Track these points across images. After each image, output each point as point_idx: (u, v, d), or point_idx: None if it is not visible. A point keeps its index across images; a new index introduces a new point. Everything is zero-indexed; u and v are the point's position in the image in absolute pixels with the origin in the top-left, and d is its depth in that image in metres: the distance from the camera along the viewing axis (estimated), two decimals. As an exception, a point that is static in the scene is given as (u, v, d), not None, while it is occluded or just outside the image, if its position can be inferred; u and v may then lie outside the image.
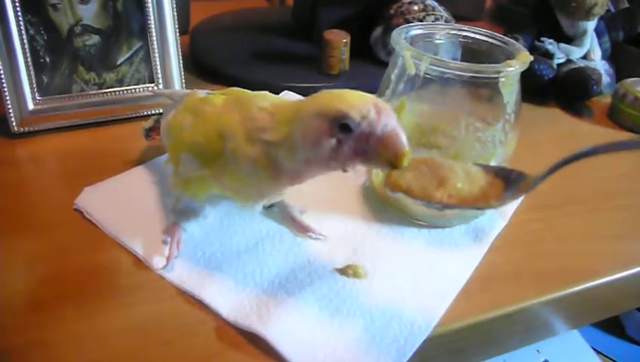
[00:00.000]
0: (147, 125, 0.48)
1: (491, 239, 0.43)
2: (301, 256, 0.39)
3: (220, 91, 0.40)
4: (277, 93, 0.58)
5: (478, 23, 0.92)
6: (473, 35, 0.44)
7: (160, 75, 0.56)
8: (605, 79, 0.68)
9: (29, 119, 0.51)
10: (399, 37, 0.41)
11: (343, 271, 0.38)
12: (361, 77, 0.65)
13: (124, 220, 0.41)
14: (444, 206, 0.34)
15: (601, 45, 0.70)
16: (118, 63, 0.54)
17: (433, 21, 0.65)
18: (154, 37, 0.54)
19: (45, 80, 0.52)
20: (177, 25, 0.55)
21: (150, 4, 0.53)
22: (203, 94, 0.40)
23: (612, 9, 0.69)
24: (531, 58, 0.40)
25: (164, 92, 0.52)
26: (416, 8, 0.66)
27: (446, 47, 0.45)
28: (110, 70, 0.54)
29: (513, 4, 0.91)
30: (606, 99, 0.68)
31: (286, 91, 0.60)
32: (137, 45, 0.54)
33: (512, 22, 0.87)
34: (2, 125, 0.51)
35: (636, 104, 0.63)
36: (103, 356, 0.32)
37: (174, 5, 0.54)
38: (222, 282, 0.36)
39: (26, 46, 0.50)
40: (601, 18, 0.68)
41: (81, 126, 0.53)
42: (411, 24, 0.44)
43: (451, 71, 0.38)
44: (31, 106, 0.51)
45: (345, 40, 0.63)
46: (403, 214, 0.43)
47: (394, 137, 0.31)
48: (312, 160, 0.32)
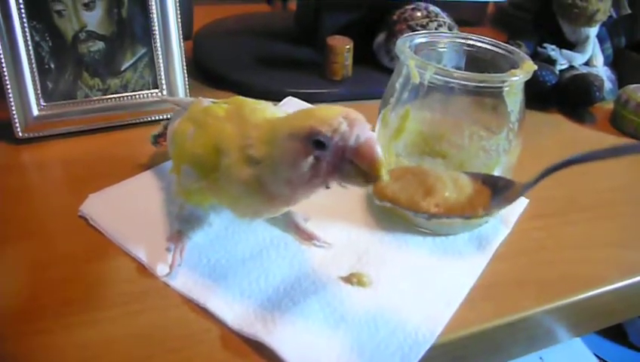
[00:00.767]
0: (156, 131, 0.48)
1: (495, 247, 0.43)
2: (305, 264, 0.39)
3: (224, 100, 0.40)
4: (280, 98, 0.59)
5: (480, 29, 0.92)
6: (477, 44, 0.44)
7: (164, 81, 0.56)
8: (607, 85, 0.68)
9: (34, 125, 0.51)
10: (404, 45, 0.41)
11: (348, 280, 0.38)
12: (363, 83, 0.65)
13: (128, 227, 0.41)
14: (431, 216, 0.34)
15: (603, 51, 0.70)
16: (123, 69, 0.54)
17: (436, 27, 0.65)
18: (158, 43, 0.55)
19: (50, 86, 0.52)
20: (181, 31, 0.55)
21: (154, 10, 0.54)
22: (207, 103, 0.40)
23: (614, 15, 0.69)
24: (535, 67, 0.40)
25: (171, 99, 0.52)
26: (419, 14, 0.66)
27: (450, 55, 0.45)
28: (114, 76, 0.54)
29: (515, 9, 0.91)
30: (608, 105, 0.68)
31: (289, 97, 0.60)
32: (141, 51, 0.55)
33: (514, 27, 0.87)
34: (7, 131, 0.51)
35: (638, 110, 0.63)
36: (108, 364, 0.32)
37: (178, 11, 0.55)
38: (227, 290, 0.36)
39: (31, 52, 0.50)
40: (603, 24, 0.68)
41: (85, 132, 0.53)
42: (416, 32, 0.45)
43: (456, 80, 0.38)
44: (35, 112, 0.51)
45: (348, 46, 0.63)
46: (406, 222, 0.43)
47: (367, 147, 0.30)
48: (294, 180, 0.32)
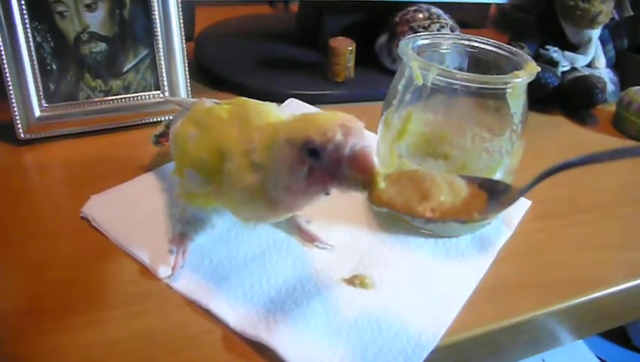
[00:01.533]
0: (157, 131, 0.48)
1: (497, 249, 0.43)
2: (308, 266, 0.39)
3: (226, 101, 0.40)
4: (282, 100, 0.59)
5: (482, 31, 0.92)
6: (480, 45, 0.44)
7: (166, 82, 0.56)
8: (610, 87, 0.68)
9: (36, 126, 0.51)
10: (407, 47, 0.41)
11: (350, 282, 0.38)
12: (366, 84, 0.65)
13: (131, 229, 0.41)
14: (427, 220, 0.34)
15: (605, 53, 0.70)
16: (125, 70, 0.54)
17: (438, 29, 0.65)
18: (160, 44, 0.55)
19: (52, 87, 0.52)
20: (183, 32, 0.55)
21: (156, 11, 0.54)
22: (210, 104, 0.40)
23: (616, 17, 0.69)
24: (538, 69, 0.40)
25: (174, 100, 0.52)
26: (421, 16, 0.66)
27: (452, 56, 0.45)
28: (116, 77, 0.54)
29: (517, 11, 0.91)
30: (610, 107, 0.68)
31: (291, 99, 0.60)
32: (143, 52, 0.55)
33: (516, 29, 0.87)
34: (9, 132, 0.51)
35: (641, 112, 0.63)
36: (110, 365, 0.32)
37: (180, 12, 0.55)
38: (229, 291, 0.36)
39: (33, 53, 0.50)
40: (605, 26, 0.68)
41: (87, 133, 0.53)
42: (418, 34, 0.45)
43: (459, 82, 0.38)
44: (37, 113, 0.51)
45: (350, 47, 0.63)
46: (408, 224, 0.43)
47: (362, 158, 0.30)
48: (293, 187, 0.32)
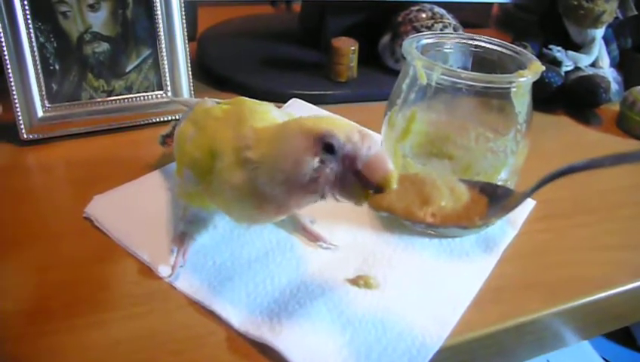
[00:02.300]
0: (165, 131, 0.48)
1: (502, 249, 0.43)
2: (312, 266, 0.39)
3: (227, 101, 0.39)
4: (285, 100, 0.59)
5: (485, 30, 0.92)
6: (484, 45, 0.44)
7: (169, 82, 0.56)
8: (613, 87, 0.68)
9: (38, 126, 0.51)
10: (411, 46, 0.41)
11: (354, 282, 0.38)
12: (369, 84, 0.65)
13: (133, 229, 0.40)
14: (428, 225, 0.33)
15: (609, 53, 0.69)
16: (127, 71, 0.54)
17: (441, 29, 0.65)
18: (163, 44, 0.55)
19: (54, 87, 0.52)
20: (186, 32, 0.55)
21: (159, 11, 0.54)
22: (211, 104, 0.40)
23: (620, 16, 0.69)
24: (543, 68, 0.40)
25: (179, 100, 0.52)
26: (424, 16, 0.66)
27: (456, 56, 0.45)
28: (119, 77, 0.54)
29: (520, 11, 0.91)
30: (614, 106, 0.68)
31: (294, 99, 0.60)
32: (146, 53, 0.55)
33: (519, 29, 0.87)
34: (12, 132, 0.51)
35: (645, 112, 0.62)
36: (113, 366, 0.32)
37: (183, 12, 0.54)
38: (233, 292, 0.36)
39: (36, 53, 0.50)
40: (609, 26, 0.68)
41: (90, 133, 0.53)
42: (422, 33, 0.44)
43: (463, 81, 0.38)
44: (40, 113, 0.51)
45: (353, 47, 0.63)
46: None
47: (380, 160, 0.30)
48: (291, 182, 0.31)
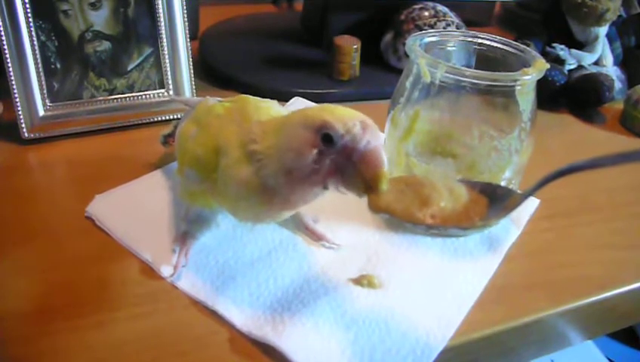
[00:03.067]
0: (166, 131, 0.47)
1: (506, 248, 0.42)
2: (315, 266, 0.39)
3: (229, 99, 0.39)
4: (287, 99, 0.59)
5: (487, 29, 0.91)
6: (488, 42, 0.44)
7: (170, 81, 0.55)
8: (617, 85, 0.68)
9: (40, 125, 0.51)
10: (414, 44, 0.40)
11: (358, 281, 0.38)
12: (371, 83, 0.65)
13: (135, 228, 0.40)
14: (428, 227, 0.33)
15: (612, 51, 0.69)
16: (129, 69, 0.54)
17: (444, 27, 0.65)
18: (164, 43, 0.54)
19: (56, 86, 0.51)
20: (188, 30, 0.55)
21: (161, 10, 0.53)
22: (213, 102, 0.40)
23: (624, 15, 0.69)
24: (548, 66, 0.39)
25: (180, 99, 0.52)
26: (427, 14, 0.66)
27: (459, 54, 0.45)
28: (120, 76, 0.54)
29: (522, 9, 0.91)
30: (618, 105, 0.68)
31: (297, 97, 0.60)
32: (148, 51, 0.54)
33: (522, 27, 0.87)
34: (13, 131, 0.50)
35: (649, 110, 0.62)
36: (115, 366, 0.32)
37: (185, 11, 0.54)
38: (235, 291, 0.36)
39: (37, 52, 0.50)
40: (612, 24, 0.68)
41: (91, 132, 0.53)
42: (426, 31, 0.44)
43: (467, 79, 0.38)
44: (41, 112, 0.51)
45: (356, 46, 0.62)
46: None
47: (375, 156, 0.30)
48: (294, 172, 0.31)
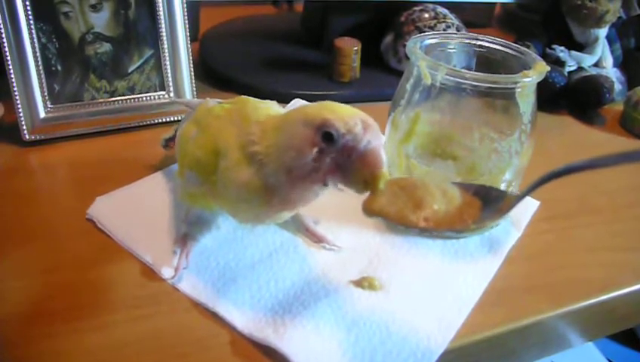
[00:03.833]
0: (167, 135, 0.47)
1: (506, 250, 0.42)
2: (316, 268, 0.39)
3: (229, 100, 0.39)
4: (287, 100, 0.59)
5: (487, 30, 0.91)
6: (488, 44, 0.44)
7: (171, 83, 0.55)
8: (617, 87, 0.68)
9: (41, 127, 0.51)
10: (415, 46, 0.40)
11: (358, 283, 0.38)
12: (371, 84, 0.65)
13: (136, 230, 0.40)
14: (422, 230, 0.33)
15: (612, 52, 0.69)
16: (130, 71, 0.54)
17: (444, 29, 0.65)
18: (165, 45, 0.54)
19: (57, 88, 0.51)
20: (189, 33, 0.55)
21: (161, 12, 0.53)
22: (213, 104, 0.40)
23: (624, 16, 0.69)
24: (548, 68, 0.39)
25: (181, 101, 0.52)
26: (427, 16, 0.66)
27: (460, 56, 0.45)
28: (121, 78, 0.54)
29: (522, 11, 0.91)
30: (618, 106, 0.68)
31: (297, 99, 0.60)
32: (148, 53, 0.54)
33: (522, 29, 0.87)
34: (14, 133, 0.50)
35: (649, 112, 0.62)
36: (116, 369, 0.32)
37: (185, 13, 0.54)
38: (236, 294, 0.36)
39: (38, 54, 0.50)
40: (612, 25, 0.68)
41: (92, 134, 0.53)
42: (426, 33, 0.44)
43: (468, 81, 0.38)
44: (42, 114, 0.51)
45: (356, 47, 0.63)
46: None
47: (374, 156, 0.30)
48: (294, 170, 0.31)
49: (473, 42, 0.44)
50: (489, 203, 0.34)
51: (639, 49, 0.72)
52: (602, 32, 0.67)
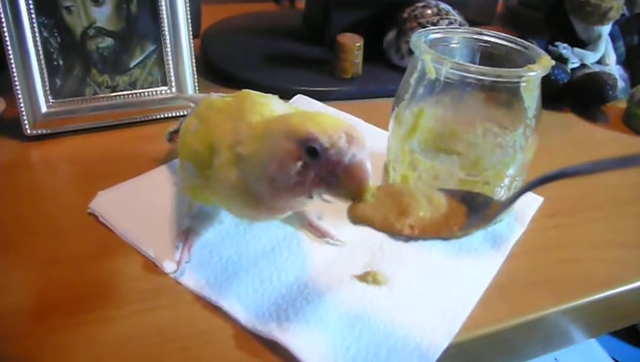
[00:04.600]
0: (172, 128, 0.47)
1: (510, 246, 0.42)
2: (319, 262, 0.38)
3: (232, 95, 0.39)
4: (290, 97, 0.59)
5: (490, 28, 0.91)
6: (492, 40, 0.43)
7: (173, 78, 0.55)
8: (620, 84, 0.67)
9: (42, 122, 0.51)
10: (419, 40, 0.40)
11: (362, 278, 0.37)
12: (374, 81, 0.65)
13: (138, 224, 0.40)
14: (407, 238, 0.33)
15: (615, 50, 0.69)
16: (131, 66, 0.54)
17: (447, 25, 0.65)
18: (167, 40, 0.54)
19: (58, 83, 0.51)
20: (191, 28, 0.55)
21: (164, 6, 0.53)
22: (216, 97, 0.40)
23: (627, 13, 0.69)
24: (553, 62, 0.39)
25: (184, 96, 0.51)
26: (429, 12, 0.66)
27: (463, 51, 0.45)
28: (123, 73, 0.54)
29: (525, 8, 0.91)
30: (621, 104, 0.67)
31: (299, 95, 0.60)
32: (150, 48, 0.54)
33: (524, 26, 0.87)
34: (15, 128, 0.50)
35: (652, 109, 0.62)
36: (118, 363, 0.31)
37: (188, 8, 0.54)
38: (239, 288, 0.36)
39: (40, 48, 0.50)
40: (615, 22, 0.68)
41: (94, 129, 0.53)
42: (430, 28, 0.44)
43: (473, 75, 0.37)
44: (44, 109, 0.51)
45: (358, 43, 0.62)
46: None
47: (359, 170, 0.29)
48: (278, 181, 0.31)
49: (477, 37, 0.44)
50: (475, 209, 0.33)
51: (642, 46, 0.71)
52: (605, 29, 0.67)
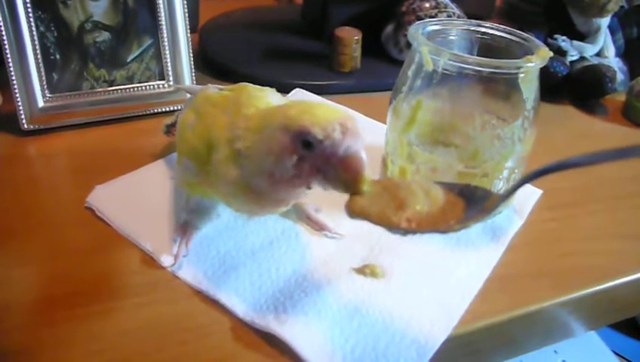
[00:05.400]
0: (169, 121, 0.47)
1: (509, 238, 0.42)
2: (317, 255, 0.38)
3: (229, 87, 0.39)
4: (288, 91, 0.59)
5: (489, 21, 0.91)
6: (490, 31, 0.43)
7: (170, 72, 0.55)
8: (619, 76, 0.67)
9: (39, 116, 0.51)
10: (417, 32, 0.40)
11: (360, 271, 0.37)
12: (372, 74, 0.65)
13: (135, 218, 0.40)
14: (405, 231, 0.32)
15: (614, 42, 0.69)
16: (129, 60, 0.54)
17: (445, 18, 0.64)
18: (164, 34, 0.54)
19: (55, 77, 0.51)
20: (188, 22, 0.55)
21: (161, 0, 0.53)
22: (214, 90, 0.39)
23: (626, 6, 0.68)
24: (551, 54, 0.39)
25: (183, 87, 0.51)
26: (428, 5, 0.65)
27: (461, 43, 0.45)
28: (120, 67, 0.53)
29: (523, 2, 0.90)
30: (620, 96, 0.67)
31: (297, 89, 0.60)
32: (148, 42, 0.54)
33: (523, 20, 0.86)
34: (12, 122, 0.50)
35: (651, 101, 0.62)
36: (116, 356, 0.31)
37: (185, 2, 0.54)
38: (237, 281, 0.36)
39: (36, 43, 0.49)
40: (614, 15, 0.67)
41: (91, 123, 0.53)
42: (428, 20, 0.44)
43: (470, 66, 0.37)
44: (41, 104, 0.51)
45: (357, 37, 0.62)
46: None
47: (354, 161, 0.29)
48: (276, 174, 0.31)
49: (475, 29, 0.44)
50: (473, 202, 0.33)
51: (641, 39, 0.71)
52: (604, 22, 0.67)
